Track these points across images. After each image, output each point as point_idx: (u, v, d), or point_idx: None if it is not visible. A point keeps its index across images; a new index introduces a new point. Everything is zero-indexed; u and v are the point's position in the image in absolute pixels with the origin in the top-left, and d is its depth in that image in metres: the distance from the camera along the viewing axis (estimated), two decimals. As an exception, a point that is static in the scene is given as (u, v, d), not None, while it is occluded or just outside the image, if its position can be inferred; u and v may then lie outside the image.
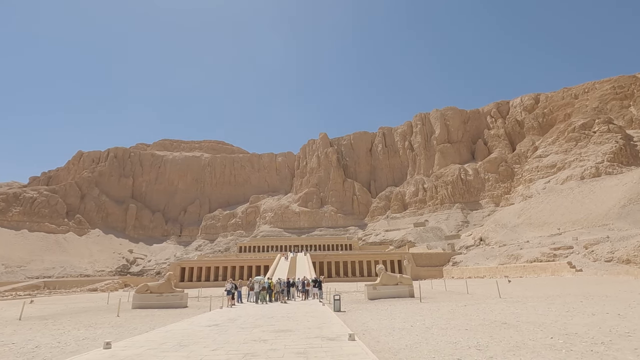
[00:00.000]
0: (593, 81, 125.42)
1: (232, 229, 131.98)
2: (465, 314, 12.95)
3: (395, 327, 10.64)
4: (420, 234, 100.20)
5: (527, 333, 9.15)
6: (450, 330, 9.87)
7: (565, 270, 36.53)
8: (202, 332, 10.04)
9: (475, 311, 13.72)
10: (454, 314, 13.25)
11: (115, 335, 10.47)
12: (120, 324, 12.95)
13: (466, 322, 11.10)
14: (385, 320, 12.42)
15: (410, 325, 10.82)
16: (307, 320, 12.63)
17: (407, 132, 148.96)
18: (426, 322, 11.43)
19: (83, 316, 15.75)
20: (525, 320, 11.01)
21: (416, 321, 11.80)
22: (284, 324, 11.34)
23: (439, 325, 10.59)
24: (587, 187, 73.16)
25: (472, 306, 15.43)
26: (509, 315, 12.01)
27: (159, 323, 12.99)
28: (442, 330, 9.91)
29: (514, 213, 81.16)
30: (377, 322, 11.98)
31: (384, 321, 12.10)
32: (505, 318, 11.45)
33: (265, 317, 14.04)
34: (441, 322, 11.19)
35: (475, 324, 10.58)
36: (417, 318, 12.55)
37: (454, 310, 14.20)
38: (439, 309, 15.10)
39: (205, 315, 14.98)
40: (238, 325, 11.69)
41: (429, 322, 11.27)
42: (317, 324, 11.26)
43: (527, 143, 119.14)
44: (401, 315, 13.59)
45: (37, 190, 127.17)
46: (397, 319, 12.44)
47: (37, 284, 75.71)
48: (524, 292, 22.18)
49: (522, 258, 46.99)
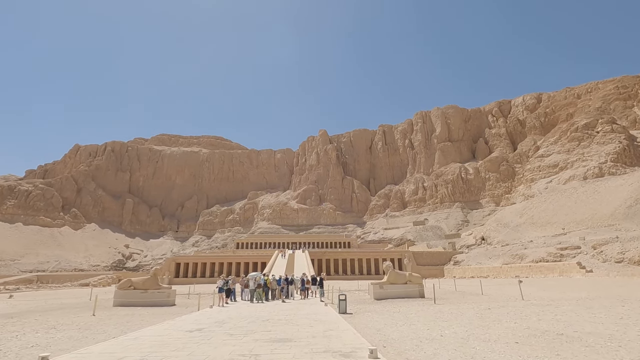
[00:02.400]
0: (596, 81, 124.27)
1: (230, 225, 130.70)
2: (498, 320, 11.15)
3: (420, 336, 8.86)
4: (420, 232, 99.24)
5: (603, 350, 7.11)
6: (496, 343, 7.88)
7: (574, 270, 35.35)
8: (178, 341, 8.47)
9: (506, 316, 11.91)
10: (484, 319, 11.47)
11: (73, 342, 8.76)
12: (89, 326, 11.49)
13: (508, 331, 9.23)
14: (404, 326, 10.66)
15: (440, 335, 8.96)
16: (310, 324, 11.20)
17: (408, 130, 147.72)
18: (457, 330, 9.65)
19: (54, 315, 14.17)
20: (581, 329, 9.19)
21: (442, 328, 10.00)
22: (282, 330, 9.97)
23: (477, 336, 8.72)
24: (591, 187, 72.18)
25: (497, 309, 13.70)
26: (555, 323, 10.04)
27: (134, 325, 11.51)
28: (485, 343, 7.96)
29: (515, 212, 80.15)
30: (394, 328, 10.32)
31: (403, 328, 10.37)
32: (554, 326, 9.61)
33: (259, 319, 12.57)
34: (477, 331, 9.35)
35: (524, 335, 8.66)
36: (441, 324, 10.77)
37: (481, 315, 12.39)
38: (461, 312, 13.37)
39: (190, 317, 13.51)
40: (226, 330, 10.23)
41: (462, 331, 9.43)
42: (323, 331, 9.84)
43: (529, 142, 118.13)
44: (420, 319, 11.86)
45: (33, 183, 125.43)
46: (417, 325, 10.71)
47: (30, 278, 74.27)
48: (543, 293, 20.45)
49: (527, 258, 45.84)
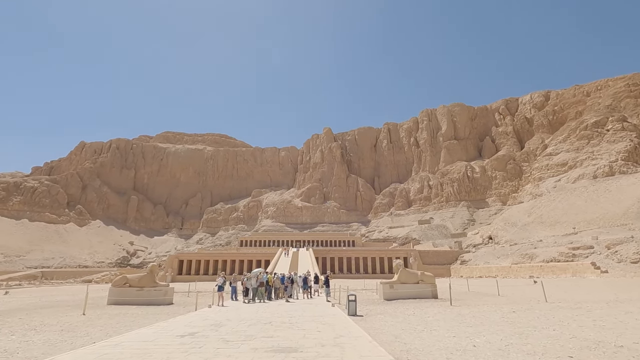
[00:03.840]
0: (606, 78, 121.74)
1: (234, 223, 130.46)
2: (533, 326, 9.65)
3: (448, 346, 7.56)
4: (425, 231, 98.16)
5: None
6: (544, 357, 6.62)
7: (588, 271, 34.24)
8: (164, 349, 7.34)
9: (538, 321, 10.42)
10: (515, 325, 9.95)
11: (47, 347, 7.77)
12: (73, 328, 10.48)
13: (553, 341, 7.83)
14: (424, 332, 9.23)
15: (472, 345, 7.55)
16: (318, 329, 9.98)
17: (413, 128, 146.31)
18: (489, 338, 8.24)
19: (42, 314, 13.32)
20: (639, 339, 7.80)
21: (471, 336, 8.57)
22: (285, 336, 8.82)
23: (518, 347, 7.30)
24: (602, 186, 70.65)
25: (523, 313, 12.32)
26: (601, 331, 8.84)
27: (123, 327, 10.47)
28: (529, 356, 6.66)
29: (523, 211, 78.84)
30: (414, 335, 8.93)
31: (424, 335, 8.95)
32: (603, 335, 8.20)
33: (260, 322, 11.43)
34: (514, 341, 7.95)
35: (575, 347, 7.26)
36: (467, 330, 9.33)
37: (509, 320, 10.85)
38: (484, 316, 11.93)
39: (185, 318, 12.40)
40: (222, 335, 9.09)
41: (496, 340, 8.02)
42: (333, 337, 8.63)
43: (537, 141, 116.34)
44: (440, 324, 10.44)
45: (38, 180, 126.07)
46: (440, 331, 9.33)
47: (34, 274, 74.59)
48: (564, 294, 19.11)
49: (537, 258, 44.72)
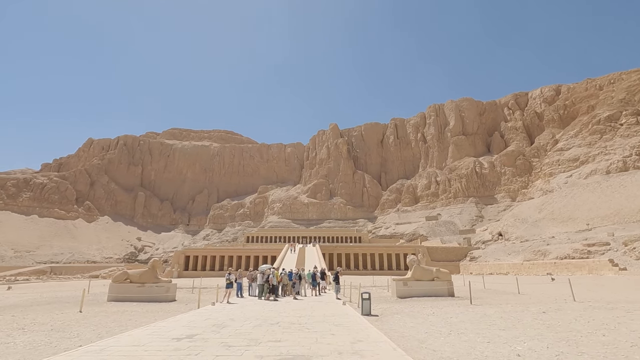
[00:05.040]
0: (619, 72, 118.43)
1: (240, 219, 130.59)
2: (577, 330, 8.44)
3: (486, 355, 6.44)
4: (433, 227, 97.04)
5: None
6: None
7: (605, 268, 33.11)
8: (155, 357, 6.45)
9: (578, 323, 9.24)
10: (554, 329, 8.66)
11: (27, 351, 6.95)
12: (64, 327, 9.65)
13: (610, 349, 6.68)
14: (452, 336, 8.11)
15: (515, 354, 6.41)
16: (331, 332, 8.95)
17: (420, 123, 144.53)
18: (532, 346, 7.04)
19: (37, 311, 12.71)
20: None
21: (508, 342, 7.36)
22: (295, 340, 7.88)
23: (572, 357, 6.19)
24: (616, 181, 68.85)
25: (555, 314, 11.16)
26: None
27: (118, 327, 9.68)
28: None
29: (534, 208, 77.29)
30: (442, 340, 7.78)
31: (452, 339, 7.79)
32: None
33: (267, 322, 10.54)
34: (564, 349, 6.72)
35: None
36: (500, 334, 8.20)
37: (544, 322, 9.61)
38: (514, 317, 10.65)
39: (185, 317, 11.48)
40: (223, 338, 8.15)
41: (541, 348, 6.82)
42: (350, 342, 7.63)
43: (547, 136, 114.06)
44: (467, 326, 9.30)
45: (48, 176, 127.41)
46: (469, 335, 8.18)
47: (43, 269, 75.40)
48: (590, 293, 17.94)
49: (550, 254, 43.53)
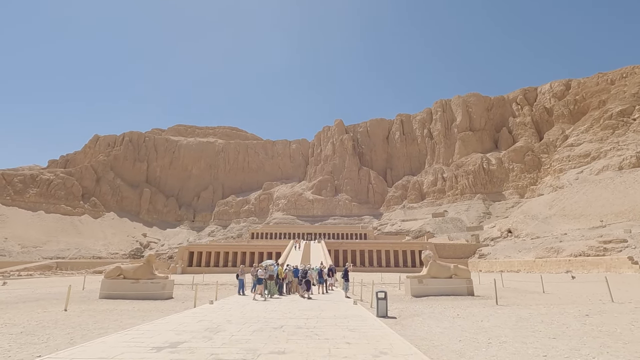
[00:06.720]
0: (632, 65, 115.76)
1: (245, 216, 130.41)
2: None
3: None
4: (439, 224, 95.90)
5: None
6: None
7: (624, 266, 32.09)
8: None
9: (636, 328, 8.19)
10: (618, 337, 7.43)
11: None
12: (38, 329, 8.70)
13: None
14: (494, 347, 6.88)
15: None
16: (346, 339, 7.61)
17: (427, 119, 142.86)
18: None
19: (21, 308, 12.03)
20: None
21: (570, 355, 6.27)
22: (302, 352, 6.45)
23: None
24: (630, 177, 67.22)
25: (599, 316, 10.04)
26: None
27: (98, 330, 8.65)
28: None
29: (544, 204, 75.93)
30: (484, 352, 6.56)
31: (495, 350, 6.67)
32: None
33: (269, 326, 9.18)
34: None
35: None
36: (552, 344, 7.03)
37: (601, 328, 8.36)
38: (557, 321, 9.40)
39: (176, 319, 10.32)
40: (214, 348, 6.74)
41: None
42: (371, 355, 6.26)
43: (557, 131, 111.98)
44: (506, 332, 8.04)
45: (54, 172, 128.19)
46: (514, 345, 7.02)
47: (49, 265, 75.75)
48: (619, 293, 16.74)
49: (564, 252, 42.48)
